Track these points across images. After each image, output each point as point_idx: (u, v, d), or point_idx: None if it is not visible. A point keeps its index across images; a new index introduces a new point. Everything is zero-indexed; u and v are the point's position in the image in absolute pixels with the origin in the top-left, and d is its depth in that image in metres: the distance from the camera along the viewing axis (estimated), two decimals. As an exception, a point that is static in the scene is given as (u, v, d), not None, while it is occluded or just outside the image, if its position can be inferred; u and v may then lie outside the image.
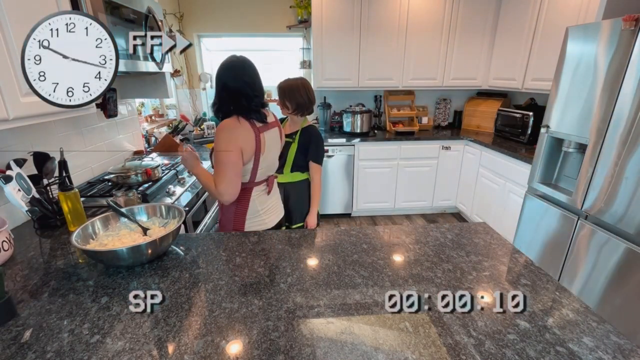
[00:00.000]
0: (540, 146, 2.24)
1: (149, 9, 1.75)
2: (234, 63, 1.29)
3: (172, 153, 2.38)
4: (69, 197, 1.27)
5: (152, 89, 2.18)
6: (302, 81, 1.78)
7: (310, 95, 1.78)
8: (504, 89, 3.35)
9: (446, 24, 3.32)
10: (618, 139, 1.69)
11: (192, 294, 0.92)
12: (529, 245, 2.34)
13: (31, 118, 1.09)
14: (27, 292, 0.93)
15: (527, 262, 1.09)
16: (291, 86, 1.75)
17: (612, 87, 1.72)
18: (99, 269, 1.05)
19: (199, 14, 3.55)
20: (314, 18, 3.21)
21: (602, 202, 1.78)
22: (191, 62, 3.69)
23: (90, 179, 1.81)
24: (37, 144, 1.47)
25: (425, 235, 1.27)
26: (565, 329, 0.79)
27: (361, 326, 0.80)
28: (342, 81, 3.46)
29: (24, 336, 0.77)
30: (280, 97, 1.77)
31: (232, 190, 1.30)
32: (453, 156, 3.46)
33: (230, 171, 1.26)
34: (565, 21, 2.40)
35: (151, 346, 0.74)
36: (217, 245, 1.19)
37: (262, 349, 0.73)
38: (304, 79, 1.80)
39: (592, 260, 1.86)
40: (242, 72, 1.29)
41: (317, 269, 1.05)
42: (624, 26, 1.62)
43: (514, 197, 2.69)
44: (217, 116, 1.34)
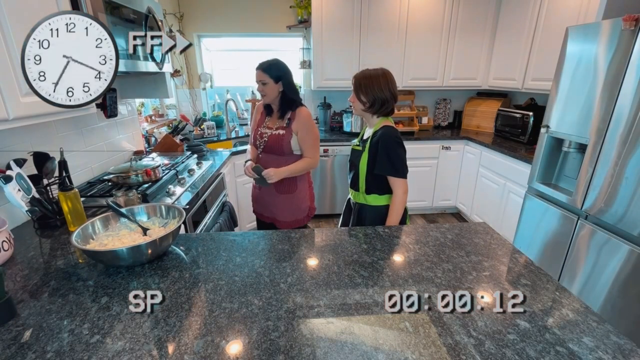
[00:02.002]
0: (540, 146, 2.24)
1: (149, 9, 1.75)
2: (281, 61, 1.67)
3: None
4: (69, 197, 1.27)
5: (152, 89, 2.18)
6: (384, 71, 1.48)
7: (392, 88, 1.46)
8: (504, 89, 3.35)
9: (446, 24, 3.32)
10: (618, 138, 1.69)
11: (192, 294, 0.92)
12: (529, 245, 2.34)
13: (31, 118, 1.09)
14: (27, 292, 0.93)
15: (527, 262, 1.09)
16: (370, 77, 1.46)
17: (612, 87, 1.72)
18: (99, 269, 1.05)
19: (199, 14, 3.55)
20: (314, 18, 3.21)
21: (602, 202, 1.78)
22: (191, 62, 3.69)
23: (90, 179, 1.81)
24: (37, 144, 1.47)
25: (425, 235, 1.27)
26: (565, 329, 0.79)
27: (361, 326, 0.80)
28: (342, 81, 3.45)
29: (24, 336, 0.77)
30: (355, 89, 1.51)
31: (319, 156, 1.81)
32: (453, 156, 3.46)
33: (318, 143, 1.76)
34: (565, 21, 2.40)
35: (151, 346, 0.74)
36: (217, 245, 1.19)
37: (262, 349, 0.73)
38: (385, 69, 1.49)
39: (592, 260, 1.86)
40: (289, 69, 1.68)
41: (317, 269, 1.05)
42: (624, 26, 1.62)
43: (514, 197, 2.69)
44: (290, 106, 1.70)
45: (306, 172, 1.84)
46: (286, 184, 1.78)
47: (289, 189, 1.80)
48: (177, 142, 2.48)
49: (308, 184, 1.89)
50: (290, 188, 1.80)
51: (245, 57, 3.96)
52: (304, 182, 1.85)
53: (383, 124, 1.50)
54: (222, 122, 3.69)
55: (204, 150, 2.59)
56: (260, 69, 1.62)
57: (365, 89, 1.47)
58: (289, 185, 1.79)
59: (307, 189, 1.89)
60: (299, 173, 1.75)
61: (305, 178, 1.86)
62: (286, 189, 1.80)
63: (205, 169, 2.16)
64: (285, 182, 1.76)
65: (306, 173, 1.85)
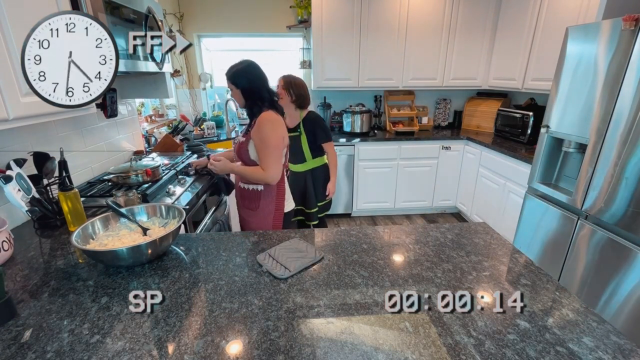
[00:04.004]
0: (540, 146, 2.24)
1: (149, 9, 1.75)
2: (249, 65, 1.53)
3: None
4: (69, 197, 1.26)
5: (152, 89, 2.18)
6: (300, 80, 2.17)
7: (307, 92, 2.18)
8: (504, 89, 3.35)
9: (446, 24, 3.32)
10: (618, 138, 1.69)
11: (192, 294, 0.92)
12: (529, 245, 2.34)
13: (31, 118, 1.09)
14: (27, 292, 0.93)
15: (527, 262, 1.09)
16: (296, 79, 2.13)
17: (612, 87, 1.72)
18: (99, 269, 1.04)
19: (199, 14, 3.55)
20: (314, 18, 3.21)
21: (602, 202, 1.78)
22: (191, 62, 3.69)
23: (90, 179, 1.81)
24: (37, 144, 1.47)
25: (425, 235, 1.27)
26: (565, 329, 0.79)
27: (361, 326, 0.80)
28: (342, 81, 3.46)
29: (24, 336, 0.77)
30: (286, 86, 2.08)
31: (279, 170, 1.54)
32: (453, 156, 3.46)
33: (277, 153, 1.51)
34: (565, 21, 2.40)
35: (151, 346, 0.74)
36: (217, 245, 1.19)
37: (262, 349, 0.73)
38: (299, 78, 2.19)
39: (592, 260, 1.86)
40: (259, 71, 1.54)
41: (317, 269, 1.05)
42: (624, 26, 1.62)
43: (514, 197, 2.69)
44: (253, 113, 1.54)
45: (274, 190, 1.62)
46: (247, 199, 1.65)
47: (250, 205, 1.65)
48: (177, 142, 2.48)
49: (275, 205, 1.66)
50: (252, 204, 1.64)
51: (245, 57, 3.95)
52: (269, 201, 1.64)
53: (306, 111, 2.22)
54: (222, 122, 3.69)
55: (204, 150, 2.59)
56: (226, 76, 1.54)
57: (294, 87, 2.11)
58: (251, 201, 1.64)
59: (273, 211, 1.65)
60: (248, 178, 1.58)
61: (271, 196, 1.63)
62: (247, 204, 1.66)
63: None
64: (246, 197, 1.65)
65: (275, 192, 1.63)
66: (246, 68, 1.52)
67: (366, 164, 3.41)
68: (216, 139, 3.28)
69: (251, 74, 1.52)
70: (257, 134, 1.49)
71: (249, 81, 1.51)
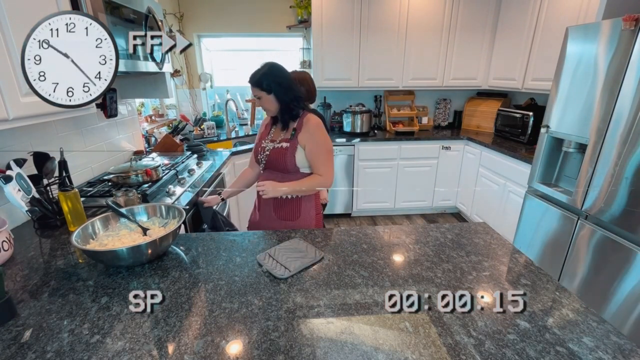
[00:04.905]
0: (540, 146, 2.24)
1: (149, 9, 1.75)
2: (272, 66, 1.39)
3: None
4: (69, 197, 1.26)
5: (152, 89, 2.18)
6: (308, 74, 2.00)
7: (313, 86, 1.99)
8: (504, 89, 3.35)
9: (446, 24, 3.32)
10: (618, 138, 1.69)
11: (192, 294, 0.92)
12: (529, 245, 2.34)
13: (31, 118, 1.09)
14: (27, 292, 0.93)
15: (527, 262, 1.09)
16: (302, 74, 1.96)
17: (612, 87, 1.72)
18: (99, 269, 1.04)
19: (199, 14, 3.55)
20: (314, 18, 3.21)
21: (602, 202, 1.78)
22: (191, 62, 3.69)
23: (90, 179, 1.81)
24: (37, 144, 1.47)
25: (425, 235, 1.27)
26: (565, 329, 0.79)
27: (361, 326, 0.80)
28: (342, 81, 3.45)
29: (24, 336, 0.77)
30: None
31: (334, 172, 1.48)
32: (453, 156, 3.46)
33: (332, 157, 1.46)
34: (565, 21, 2.40)
35: (151, 346, 0.74)
36: (217, 245, 1.19)
37: (262, 349, 0.73)
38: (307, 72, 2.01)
39: (592, 260, 1.86)
40: (285, 71, 1.41)
41: (317, 269, 1.05)
42: (624, 26, 1.62)
43: (514, 197, 2.69)
44: (292, 116, 1.44)
45: (312, 194, 1.52)
46: (288, 208, 1.48)
47: (290, 215, 1.48)
48: (177, 142, 2.48)
49: (315, 210, 1.54)
50: (293, 214, 1.48)
51: (245, 57, 3.97)
52: (309, 207, 1.52)
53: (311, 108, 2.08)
54: (222, 122, 3.69)
55: (204, 150, 2.59)
56: (251, 83, 1.39)
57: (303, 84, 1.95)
58: (291, 211, 1.48)
59: (314, 216, 1.54)
60: (305, 193, 1.46)
61: (312, 201, 1.52)
62: (287, 215, 1.48)
63: (205, 169, 2.16)
64: (287, 206, 1.48)
65: (313, 195, 1.53)
66: (274, 68, 1.38)
67: (366, 164, 3.41)
68: (216, 139, 3.28)
69: (278, 76, 1.37)
70: (311, 139, 1.40)
71: (279, 83, 1.37)
